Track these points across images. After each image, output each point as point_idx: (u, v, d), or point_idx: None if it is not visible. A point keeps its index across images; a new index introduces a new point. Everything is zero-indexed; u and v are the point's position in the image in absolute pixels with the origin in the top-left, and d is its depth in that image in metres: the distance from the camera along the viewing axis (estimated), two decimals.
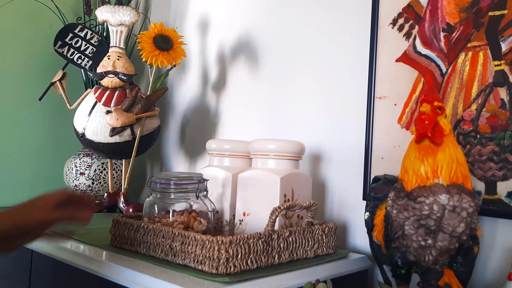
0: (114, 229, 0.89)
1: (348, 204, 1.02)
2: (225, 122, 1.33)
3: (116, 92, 1.29)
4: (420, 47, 0.91)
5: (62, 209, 0.66)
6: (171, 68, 1.29)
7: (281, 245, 0.78)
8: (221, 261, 0.70)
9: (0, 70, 1.44)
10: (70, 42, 1.35)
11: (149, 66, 1.28)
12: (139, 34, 1.25)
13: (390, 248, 0.72)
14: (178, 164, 1.48)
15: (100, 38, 1.39)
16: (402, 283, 0.74)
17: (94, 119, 1.26)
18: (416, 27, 0.92)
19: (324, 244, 0.86)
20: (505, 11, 0.81)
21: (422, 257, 0.69)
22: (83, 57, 1.36)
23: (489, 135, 0.81)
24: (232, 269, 0.70)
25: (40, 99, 1.36)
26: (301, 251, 0.82)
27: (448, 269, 0.70)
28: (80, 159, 1.40)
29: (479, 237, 0.70)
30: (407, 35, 0.93)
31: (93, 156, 1.41)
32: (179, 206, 0.87)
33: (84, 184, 1.39)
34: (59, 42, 1.34)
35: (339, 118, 1.05)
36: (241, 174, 0.90)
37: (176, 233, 0.76)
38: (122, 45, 1.33)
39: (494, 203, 0.80)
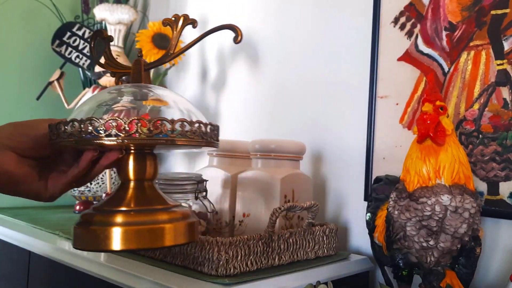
0: None
1: (349, 205, 1.01)
2: (225, 122, 1.32)
3: None
4: (422, 46, 0.90)
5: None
6: (170, 67, 1.29)
7: (282, 246, 0.77)
8: (221, 262, 0.69)
9: None
10: (68, 41, 1.34)
11: None
12: (137, 32, 1.24)
13: (392, 250, 0.71)
14: (177, 165, 1.47)
15: None
16: (403, 284, 0.73)
17: None
18: (418, 25, 0.91)
19: (325, 246, 0.86)
20: (507, 10, 0.80)
21: (424, 258, 0.68)
22: (81, 56, 1.35)
23: (491, 135, 0.81)
24: (231, 270, 0.70)
25: (37, 99, 1.35)
26: (302, 253, 0.81)
27: (450, 270, 0.69)
28: None
29: (481, 238, 0.69)
30: (409, 34, 0.92)
31: None
32: None
33: None
34: (57, 41, 1.33)
35: (340, 117, 1.05)
36: (241, 175, 0.89)
37: None
38: (120, 44, 1.32)
39: (497, 204, 0.79)
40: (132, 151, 0.49)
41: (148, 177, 0.49)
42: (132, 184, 0.49)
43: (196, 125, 0.45)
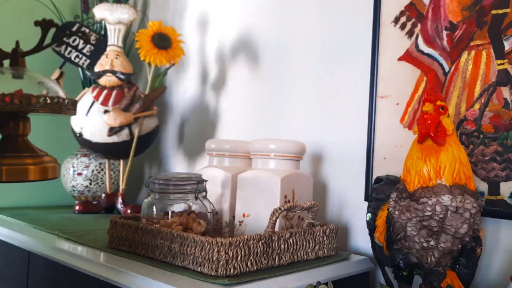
0: (112, 231, 0.88)
1: (350, 205, 1.01)
2: (225, 121, 1.32)
3: (114, 91, 1.27)
4: (423, 46, 0.90)
5: None
6: (170, 66, 1.28)
7: (282, 246, 0.77)
8: (221, 263, 0.69)
9: None
10: (67, 40, 1.34)
11: (147, 65, 1.27)
12: (137, 32, 1.23)
13: (392, 250, 0.71)
14: (177, 165, 1.47)
15: (98, 36, 1.38)
16: (404, 285, 0.73)
17: (91, 119, 1.25)
18: (419, 25, 0.91)
19: (325, 246, 0.86)
20: (508, 10, 0.80)
21: (424, 258, 0.68)
22: (80, 55, 1.34)
23: (492, 135, 0.80)
24: (231, 271, 0.70)
25: None
26: (302, 253, 0.81)
27: (451, 270, 0.69)
28: (77, 160, 1.39)
29: (482, 238, 0.69)
30: (410, 34, 0.92)
31: (91, 156, 1.39)
32: (178, 207, 0.86)
33: (82, 184, 1.37)
34: None
35: (340, 117, 1.04)
36: (241, 175, 0.89)
37: (175, 235, 0.75)
38: (120, 44, 1.32)
39: (497, 204, 0.79)
40: (11, 116, 0.67)
41: (22, 134, 0.68)
42: (9, 138, 0.67)
43: (56, 99, 0.66)
